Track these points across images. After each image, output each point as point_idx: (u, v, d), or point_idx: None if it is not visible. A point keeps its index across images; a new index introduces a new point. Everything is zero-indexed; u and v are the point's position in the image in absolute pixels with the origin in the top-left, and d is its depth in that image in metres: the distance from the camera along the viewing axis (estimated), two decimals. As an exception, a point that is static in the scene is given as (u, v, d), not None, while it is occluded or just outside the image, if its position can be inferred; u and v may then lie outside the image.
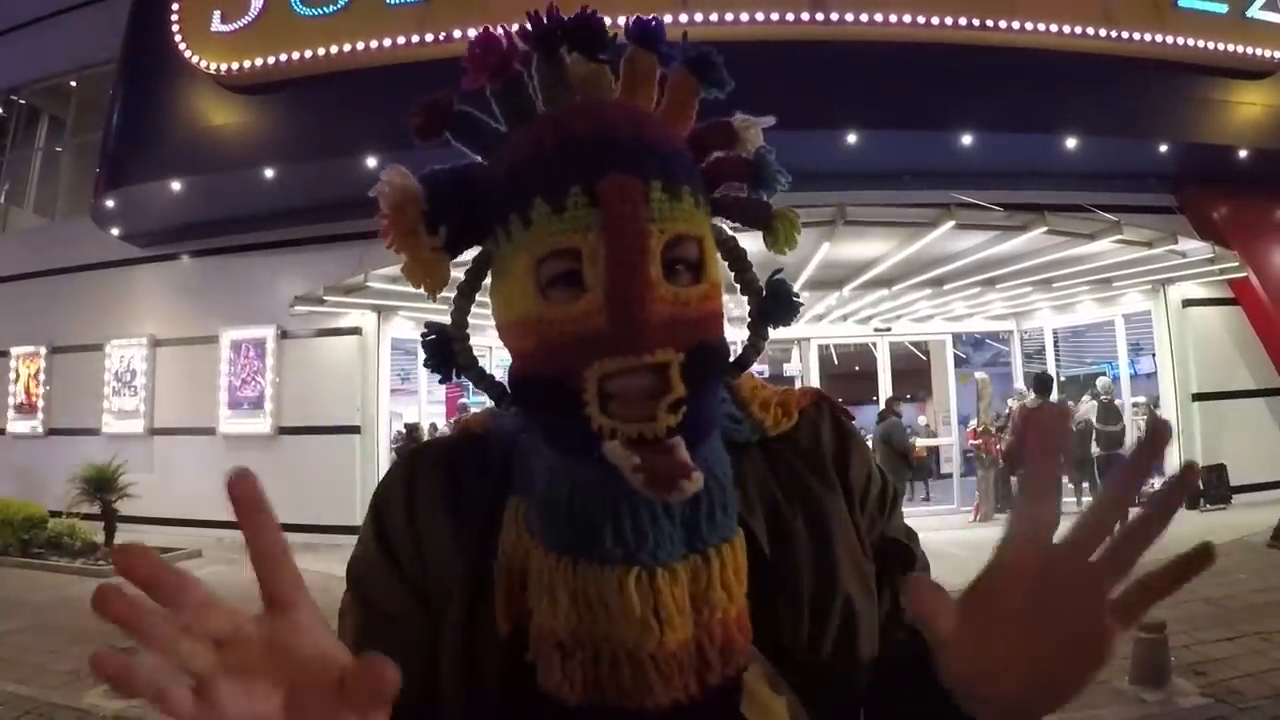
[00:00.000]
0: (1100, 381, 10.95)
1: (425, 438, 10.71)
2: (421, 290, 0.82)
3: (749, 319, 0.90)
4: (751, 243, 0.91)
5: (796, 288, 0.92)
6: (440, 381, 0.88)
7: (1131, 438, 10.67)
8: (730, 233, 0.90)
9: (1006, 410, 13.43)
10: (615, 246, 0.72)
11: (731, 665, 0.76)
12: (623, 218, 0.72)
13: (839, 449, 0.91)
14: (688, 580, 0.76)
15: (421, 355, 0.89)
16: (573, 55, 0.83)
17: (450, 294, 0.88)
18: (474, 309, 0.88)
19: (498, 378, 0.87)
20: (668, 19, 0.81)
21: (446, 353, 0.86)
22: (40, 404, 13.98)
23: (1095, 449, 9.22)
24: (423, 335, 0.87)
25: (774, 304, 0.88)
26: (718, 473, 0.80)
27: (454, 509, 0.85)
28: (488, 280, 0.86)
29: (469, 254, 0.87)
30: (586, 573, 0.76)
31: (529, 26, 0.81)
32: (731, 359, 0.85)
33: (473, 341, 0.86)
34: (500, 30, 0.82)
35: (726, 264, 0.89)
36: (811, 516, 0.85)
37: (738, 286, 0.91)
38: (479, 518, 0.83)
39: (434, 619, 0.82)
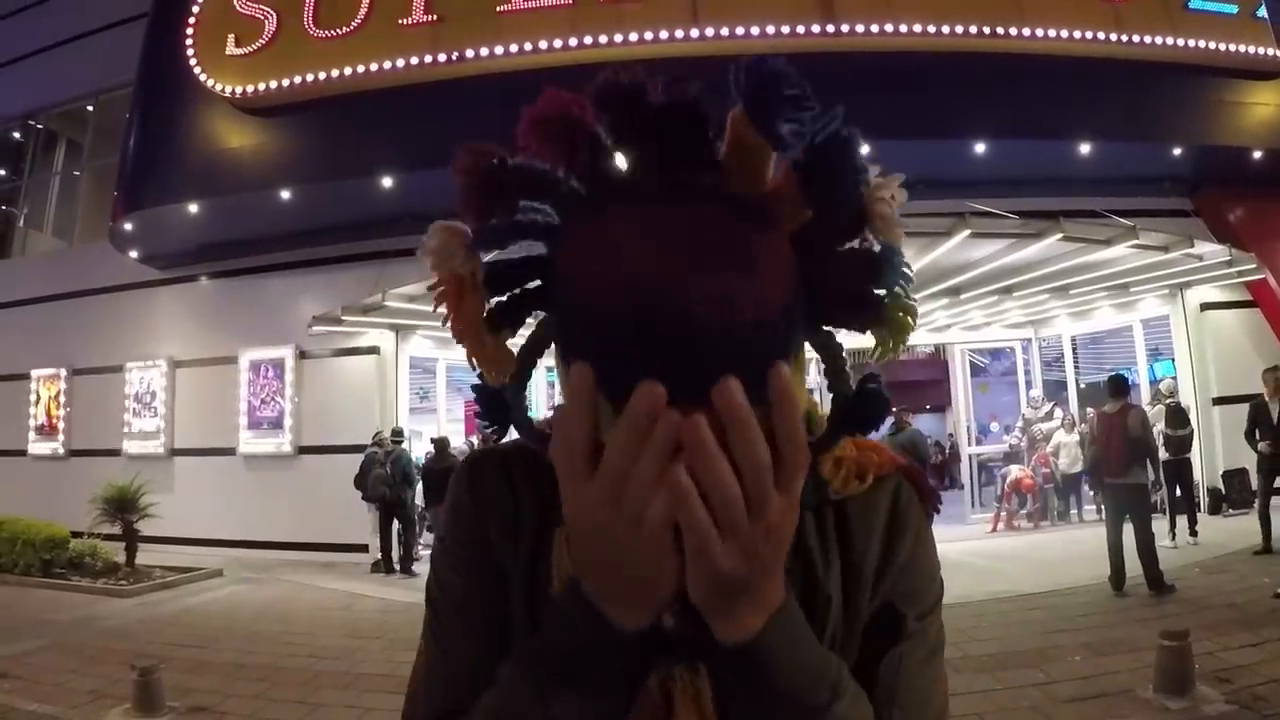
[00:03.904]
0: (1165, 384, 10.70)
1: (455, 454, 10.68)
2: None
3: (830, 413, 0.78)
4: None
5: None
6: (491, 434, 0.82)
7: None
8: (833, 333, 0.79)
9: (1020, 419, 13.40)
10: None
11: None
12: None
13: (896, 524, 0.87)
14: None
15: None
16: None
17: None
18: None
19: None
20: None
21: (502, 411, 0.80)
22: (61, 426, 14.14)
23: (1164, 454, 9.03)
24: (474, 388, 0.81)
25: (863, 407, 0.74)
26: None
27: (513, 492, 0.87)
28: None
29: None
30: None
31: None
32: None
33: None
34: None
35: (819, 356, 0.79)
36: (848, 581, 0.83)
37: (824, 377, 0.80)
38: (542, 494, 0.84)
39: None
